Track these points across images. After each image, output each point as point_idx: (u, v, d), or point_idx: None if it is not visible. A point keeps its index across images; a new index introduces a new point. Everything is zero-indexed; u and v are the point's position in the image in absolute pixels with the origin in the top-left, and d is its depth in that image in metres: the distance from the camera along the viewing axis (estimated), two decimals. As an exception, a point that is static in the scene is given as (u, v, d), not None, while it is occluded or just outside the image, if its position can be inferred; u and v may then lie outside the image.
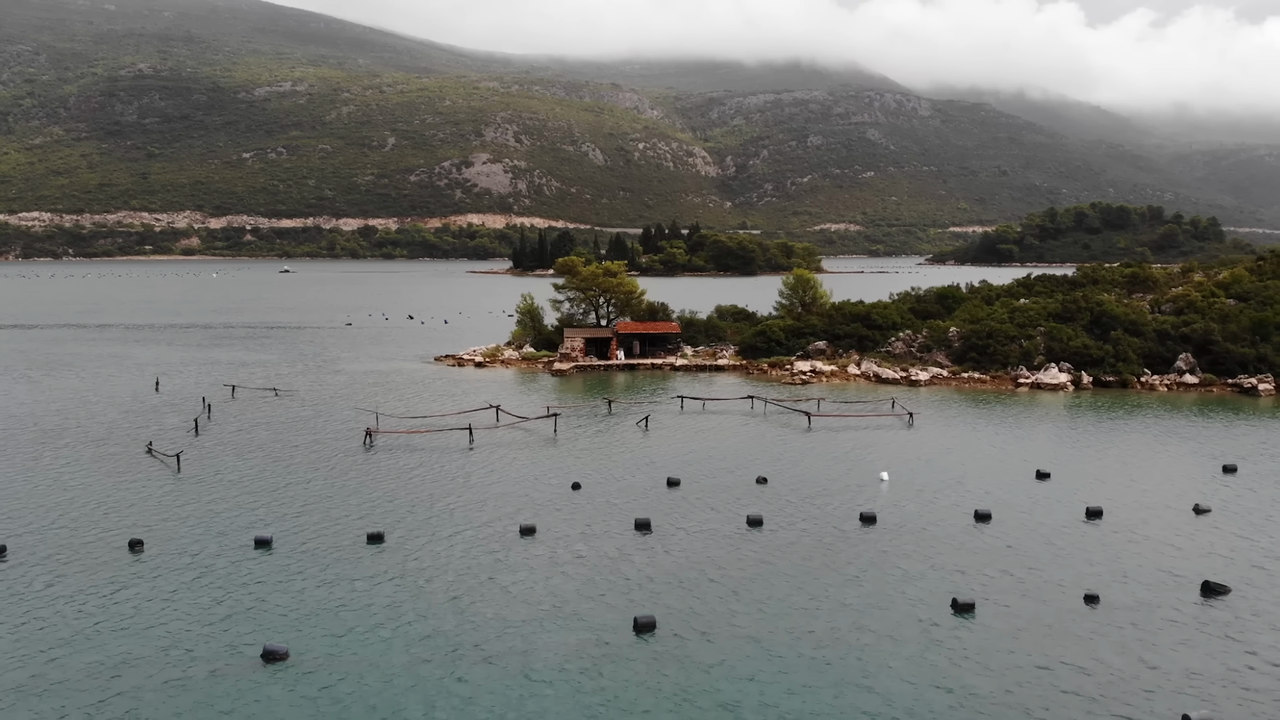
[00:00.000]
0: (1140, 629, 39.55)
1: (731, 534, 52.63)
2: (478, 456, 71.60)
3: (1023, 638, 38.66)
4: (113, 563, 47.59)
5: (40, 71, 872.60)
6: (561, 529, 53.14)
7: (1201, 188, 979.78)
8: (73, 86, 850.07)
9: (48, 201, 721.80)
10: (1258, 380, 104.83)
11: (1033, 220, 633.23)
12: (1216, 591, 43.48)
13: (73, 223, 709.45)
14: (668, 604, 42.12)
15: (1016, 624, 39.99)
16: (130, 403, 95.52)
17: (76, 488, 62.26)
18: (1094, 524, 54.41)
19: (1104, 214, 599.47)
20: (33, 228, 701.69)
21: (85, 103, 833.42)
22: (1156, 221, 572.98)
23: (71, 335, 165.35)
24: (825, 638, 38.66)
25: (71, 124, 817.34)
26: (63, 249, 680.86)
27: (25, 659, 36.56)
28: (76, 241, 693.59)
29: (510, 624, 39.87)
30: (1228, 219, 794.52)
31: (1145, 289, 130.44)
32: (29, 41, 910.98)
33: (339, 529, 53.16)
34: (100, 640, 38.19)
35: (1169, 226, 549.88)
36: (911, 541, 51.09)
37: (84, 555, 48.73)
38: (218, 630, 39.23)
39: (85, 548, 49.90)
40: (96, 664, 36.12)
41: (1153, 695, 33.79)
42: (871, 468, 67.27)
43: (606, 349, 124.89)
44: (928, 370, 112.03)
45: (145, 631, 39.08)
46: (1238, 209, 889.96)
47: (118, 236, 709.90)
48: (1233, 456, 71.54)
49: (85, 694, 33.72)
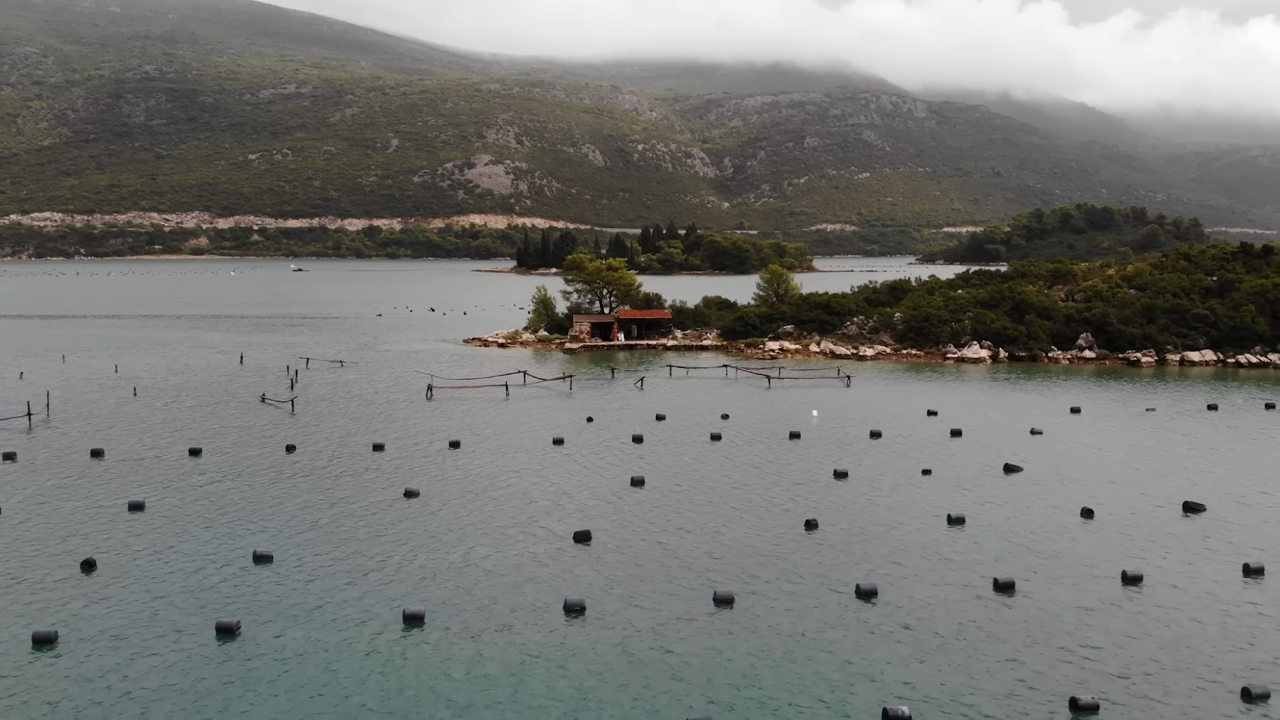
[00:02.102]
0: (959, 492, 62.95)
1: (699, 444, 76.16)
2: (513, 404, 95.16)
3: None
4: (277, 464, 70.96)
5: (48, 74, 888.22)
6: (581, 443, 76.58)
7: (1194, 188, 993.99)
8: (80, 89, 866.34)
9: (59, 202, 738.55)
10: (1141, 355, 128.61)
11: (1020, 221, 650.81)
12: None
13: (84, 223, 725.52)
14: (657, 470, 65.41)
15: (881, 482, 63.50)
16: (225, 372, 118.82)
17: (234, 418, 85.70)
18: (934, 419, 77.76)
19: (1089, 215, 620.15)
20: (45, 228, 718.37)
21: (93, 105, 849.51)
22: (1140, 222, 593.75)
23: (127, 325, 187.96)
24: (758, 487, 62.13)
25: (80, 126, 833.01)
26: (75, 249, 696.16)
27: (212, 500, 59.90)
28: (88, 241, 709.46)
29: (534, 499, 63.32)
30: (1220, 219, 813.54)
31: (1065, 281, 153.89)
32: (36, 44, 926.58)
33: (424, 442, 76.55)
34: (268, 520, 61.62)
35: (1151, 227, 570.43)
36: (823, 448, 74.55)
37: (260, 454, 72.10)
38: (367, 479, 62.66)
39: (258, 453, 73.29)
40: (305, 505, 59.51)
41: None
42: (809, 411, 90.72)
43: (609, 332, 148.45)
44: (874, 348, 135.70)
45: (291, 516, 62.55)
46: (1230, 209, 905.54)
47: (128, 236, 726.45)
48: (1082, 403, 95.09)
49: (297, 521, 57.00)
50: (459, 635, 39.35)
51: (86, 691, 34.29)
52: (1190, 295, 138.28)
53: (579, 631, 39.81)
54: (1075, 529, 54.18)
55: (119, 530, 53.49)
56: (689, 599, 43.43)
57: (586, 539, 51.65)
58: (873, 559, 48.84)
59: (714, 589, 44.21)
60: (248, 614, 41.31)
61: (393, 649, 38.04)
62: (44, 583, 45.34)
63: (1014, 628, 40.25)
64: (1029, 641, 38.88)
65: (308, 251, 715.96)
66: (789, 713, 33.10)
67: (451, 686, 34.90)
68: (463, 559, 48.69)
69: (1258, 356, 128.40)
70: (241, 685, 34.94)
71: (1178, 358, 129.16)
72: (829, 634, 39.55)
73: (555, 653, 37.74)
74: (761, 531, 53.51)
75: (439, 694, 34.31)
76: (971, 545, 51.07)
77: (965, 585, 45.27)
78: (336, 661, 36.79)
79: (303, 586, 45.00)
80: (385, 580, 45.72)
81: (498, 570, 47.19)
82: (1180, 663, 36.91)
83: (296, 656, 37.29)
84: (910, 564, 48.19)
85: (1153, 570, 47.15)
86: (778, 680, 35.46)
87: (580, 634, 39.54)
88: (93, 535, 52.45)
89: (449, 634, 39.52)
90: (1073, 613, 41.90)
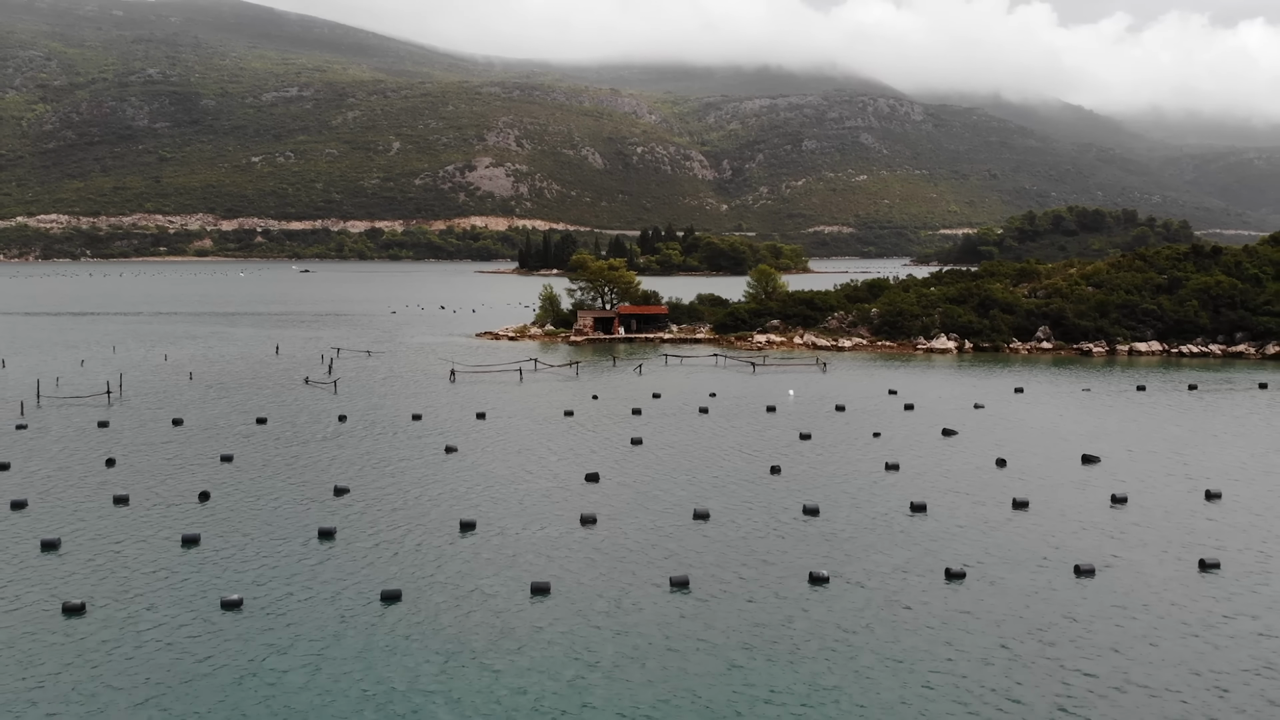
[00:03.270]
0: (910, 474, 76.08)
1: (690, 415, 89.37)
2: (527, 385, 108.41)
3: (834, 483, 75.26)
4: (335, 429, 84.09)
5: (52, 77, 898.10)
6: (588, 414, 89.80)
7: (1190, 190, 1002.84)
8: (84, 92, 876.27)
9: (65, 204, 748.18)
10: (1093, 346, 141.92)
11: (1013, 223, 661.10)
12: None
13: (89, 225, 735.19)
14: (653, 433, 78.51)
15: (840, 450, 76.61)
16: (264, 360, 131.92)
17: (286, 395, 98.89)
18: (893, 397, 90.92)
19: (1080, 217, 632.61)
20: (51, 229, 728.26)
21: (97, 108, 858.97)
22: (1130, 224, 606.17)
23: (154, 321, 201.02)
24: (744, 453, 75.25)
25: (84, 129, 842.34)
26: (80, 250, 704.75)
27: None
28: (94, 243, 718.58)
29: (552, 451, 76.46)
30: (1215, 221, 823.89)
31: (1029, 279, 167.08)
32: (40, 47, 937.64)
33: (455, 414, 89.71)
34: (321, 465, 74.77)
35: (1141, 229, 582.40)
36: (793, 418, 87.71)
37: (317, 423, 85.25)
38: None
39: (316, 421, 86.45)
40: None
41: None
42: (786, 390, 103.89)
43: (610, 326, 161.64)
44: (852, 340, 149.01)
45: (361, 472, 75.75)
46: (1225, 211, 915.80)
47: (133, 238, 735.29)
48: (1027, 384, 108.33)
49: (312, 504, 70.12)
50: (501, 536, 52.47)
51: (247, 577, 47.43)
52: (1141, 292, 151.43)
53: (592, 533, 52.93)
54: (987, 472, 67.42)
55: (220, 473, 66.68)
56: (675, 516, 56.57)
57: (596, 479, 64.84)
58: (821, 491, 61.99)
59: (694, 508, 57.42)
60: (344, 523, 54.48)
61: (453, 545, 51.12)
62: (180, 505, 58.43)
63: (924, 531, 53.34)
64: (933, 537, 51.90)
65: (310, 253, 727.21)
66: (752, 572, 46.12)
67: (487, 576, 47.98)
68: (498, 492, 61.85)
69: (1199, 347, 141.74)
70: (345, 549, 48.08)
71: (1126, 348, 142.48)
72: (778, 542, 52.63)
73: (579, 545, 50.81)
74: (734, 474, 66.73)
75: (479, 581, 47.40)
76: (902, 482, 64.24)
77: (888, 507, 58.46)
78: (422, 544, 49.89)
79: (376, 504, 58.28)
80: (441, 501, 58.85)
81: (527, 498, 60.39)
82: (1029, 548, 49.96)
83: (395, 556, 50.46)
84: (850, 494, 61.37)
85: (1040, 500, 60.27)
86: (741, 561, 48.51)
87: (592, 534, 52.67)
88: (199, 476, 65.53)
89: (493, 533, 52.73)
90: (971, 525, 55.02)
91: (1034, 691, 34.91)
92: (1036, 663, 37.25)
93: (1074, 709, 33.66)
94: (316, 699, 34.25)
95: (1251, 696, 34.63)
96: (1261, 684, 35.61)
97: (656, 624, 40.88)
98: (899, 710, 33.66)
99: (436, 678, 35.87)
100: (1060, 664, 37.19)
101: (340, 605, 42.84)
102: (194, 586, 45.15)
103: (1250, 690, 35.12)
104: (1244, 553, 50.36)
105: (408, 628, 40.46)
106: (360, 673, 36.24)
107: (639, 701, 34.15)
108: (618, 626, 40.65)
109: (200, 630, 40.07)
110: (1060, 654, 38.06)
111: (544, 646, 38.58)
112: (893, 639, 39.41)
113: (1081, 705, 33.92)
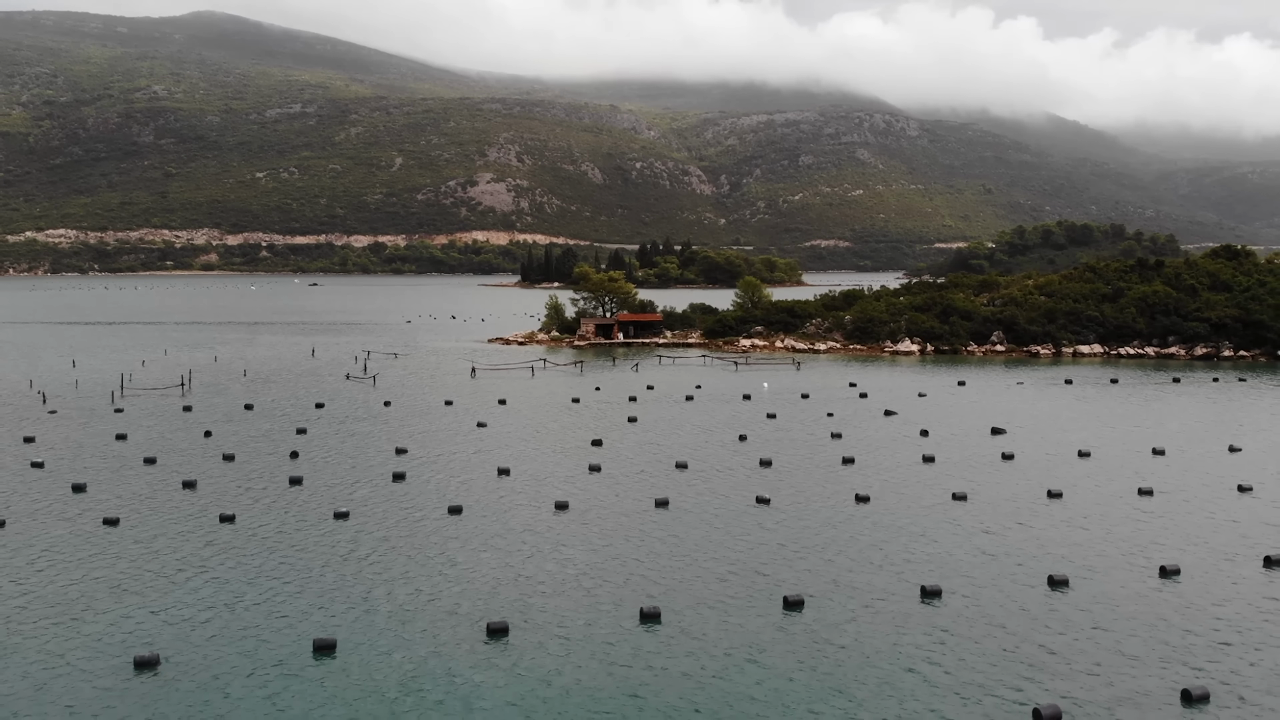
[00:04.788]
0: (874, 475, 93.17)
1: (678, 402, 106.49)
2: (539, 380, 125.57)
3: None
4: (383, 411, 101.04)
5: (59, 94, 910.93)
6: (592, 400, 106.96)
7: (1184, 204, 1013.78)
8: (91, 108, 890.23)
9: (73, 219, 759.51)
10: (1041, 348, 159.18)
11: (1003, 237, 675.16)
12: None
13: (97, 240, 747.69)
14: (646, 414, 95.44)
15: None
16: (303, 361, 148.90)
17: (333, 387, 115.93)
18: (852, 389, 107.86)
19: (1069, 231, 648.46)
20: (60, 244, 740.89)
21: (103, 124, 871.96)
22: (1118, 238, 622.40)
23: (183, 330, 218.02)
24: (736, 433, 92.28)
25: (91, 144, 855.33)
26: (89, 264, 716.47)
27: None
28: (101, 257, 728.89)
29: (564, 426, 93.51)
30: (1208, 235, 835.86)
31: (989, 290, 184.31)
32: (47, 64, 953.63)
33: (480, 401, 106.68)
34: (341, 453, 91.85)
35: (1128, 242, 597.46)
36: (763, 404, 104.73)
37: (366, 407, 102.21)
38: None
39: (365, 407, 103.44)
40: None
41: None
42: (761, 383, 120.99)
43: (610, 332, 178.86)
44: (827, 343, 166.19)
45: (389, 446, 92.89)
46: (1218, 225, 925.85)
47: (140, 253, 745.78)
48: (970, 378, 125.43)
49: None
50: (529, 478, 69.49)
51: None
52: (1088, 300, 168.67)
53: (597, 476, 69.92)
54: (911, 440, 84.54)
55: (299, 441, 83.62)
56: (661, 466, 73.69)
57: (600, 444, 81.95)
58: (775, 450, 79.02)
59: (675, 460, 74.57)
60: (411, 469, 71.41)
61: (495, 481, 68.08)
62: (275, 457, 75.37)
63: (854, 472, 70.31)
64: (856, 477, 68.85)
65: (315, 267, 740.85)
66: (714, 498, 62.98)
67: (520, 502, 64.96)
68: (522, 449, 78.89)
69: (1136, 349, 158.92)
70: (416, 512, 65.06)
71: (1071, 350, 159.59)
72: (742, 478, 69.62)
73: (588, 482, 67.77)
74: (709, 443, 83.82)
75: (517, 501, 64.36)
76: (843, 449, 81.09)
77: (826, 461, 75.50)
78: (468, 482, 66.77)
79: (430, 459, 75.37)
80: (480, 457, 75.84)
81: (546, 454, 77.52)
82: (925, 482, 66.89)
83: (454, 488, 67.47)
84: (802, 457, 78.37)
85: (944, 455, 77.25)
86: (710, 489, 65.48)
87: (598, 476, 69.67)
88: (283, 444, 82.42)
89: (524, 476, 69.75)
90: (889, 468, 71.96)
91: (907, 584, 51.82)
92: (911, 561, 54.20)
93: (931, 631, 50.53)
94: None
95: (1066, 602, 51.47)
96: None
97: (642, 532, 57.84)
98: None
99: (451, 537, 52.82)
100: (912, 565, 54.17)
101: (417, 516, 59.78)
102: (308, 504, 62.13)
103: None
104: (1088, 489, 67.38)
105: (469, 531, 57.41)
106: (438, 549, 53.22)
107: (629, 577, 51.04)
108: (622, 530, 57.59)
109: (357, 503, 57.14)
110: (916, 568, 55.03)
111: (568, 526, 55.49)
112: (810, 531, 56.39)
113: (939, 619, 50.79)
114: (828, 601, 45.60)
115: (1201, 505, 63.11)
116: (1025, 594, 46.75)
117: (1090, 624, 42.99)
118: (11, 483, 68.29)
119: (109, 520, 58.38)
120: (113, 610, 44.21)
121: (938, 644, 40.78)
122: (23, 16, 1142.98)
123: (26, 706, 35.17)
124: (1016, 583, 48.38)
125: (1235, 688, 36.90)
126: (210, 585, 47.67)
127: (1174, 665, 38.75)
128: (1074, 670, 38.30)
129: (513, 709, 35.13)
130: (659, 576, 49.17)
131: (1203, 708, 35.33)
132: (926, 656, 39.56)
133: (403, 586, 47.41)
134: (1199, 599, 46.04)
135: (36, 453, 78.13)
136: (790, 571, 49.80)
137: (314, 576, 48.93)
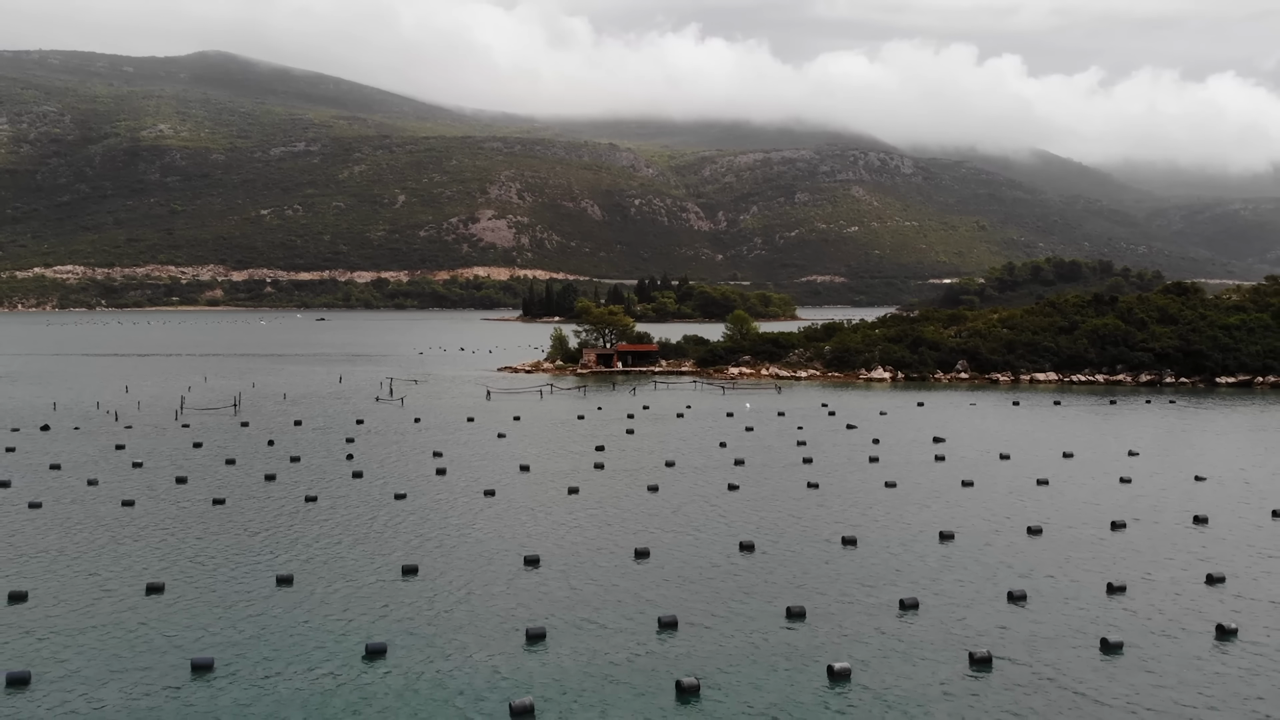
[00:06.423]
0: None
1: (669, 419, 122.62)
2: (547, 402, 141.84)
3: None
4: (413, 426, 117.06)
5: (66, 132, 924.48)
6: (595, 418, 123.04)
7: (1177, 241, 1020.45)
8: (97, 146, 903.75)
9: (80, 255, 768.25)
10: (1001, 375, 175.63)
11: (993, 273, 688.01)
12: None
13: (104, 275, 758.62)
14: (642, 428, 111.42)
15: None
16: (333, 387, 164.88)
17: (366, 407, 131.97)
18: (823, 409, 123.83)
19: (1058, 267, 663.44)
20: (68, 280, 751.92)
21: (110, 162, 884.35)
22: (1106, 274, 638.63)
23: (206, 361, 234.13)
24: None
25: (98, 182, 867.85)
26: (96, 300, 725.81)
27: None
28: (109, 293, 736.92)
29: (571, 437, 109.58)
30: (1201, 271, 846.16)
31: (958, 323, 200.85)
32: (54, 103, 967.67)
33: (498, 418, 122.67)
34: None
35: (1115, 279, 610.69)
36: (744, 420, 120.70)
37: (399, 424, 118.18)
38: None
39: (398, 423, 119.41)
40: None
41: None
42: (744, 404, 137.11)
43: (610, 361, 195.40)
44: (808, 371, 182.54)
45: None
46: (1210, 261, 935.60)
47: (147, 288, 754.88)
48: (929, 400, 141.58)
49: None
50: (548, 473, 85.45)
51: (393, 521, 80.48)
52: (1046, 332, 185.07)
53: (601, 473, 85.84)
54: (863, 446, 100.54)
55: (350, 446, 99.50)
56: (654, 464, 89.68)
57: (602, 449, 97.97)
58: (749, 453, 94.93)
59: (665, 459, 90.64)
60: (451, 466, 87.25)
61: (517, 477, 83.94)
62: (332, 459, 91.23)
63: (812, 470, 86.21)
64: (817, 475, 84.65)
65: (319, 302, 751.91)
66: (691, 483, 78.78)
67: (540, 492, 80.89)
68: (539, 452, 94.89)
69: (1087, 376, 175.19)
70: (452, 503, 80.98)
71: (1029, 377, 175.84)
72: (717, 474, 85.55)
73: (594, 476, 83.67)
74: (696, 450, 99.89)
75: (535, 491, 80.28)
76: (806, 453, 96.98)
77: (789, 462, 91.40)
78: (498, 479, 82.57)
79: (462, 461, 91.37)
80: (503, 458, 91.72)
81: (558, 456, 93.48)
82: (853, 474, 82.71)
83: (486, 478, 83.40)
84: (769, 458, 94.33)
85: (890, 459, 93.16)
86: (695, 479, 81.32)
87: (601, 473, 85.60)
88: (336, 450, 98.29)
89: (543, 472, 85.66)
90: (843, 468, 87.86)
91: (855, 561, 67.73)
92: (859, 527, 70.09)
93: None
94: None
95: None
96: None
97: (636, 507, 73.75)
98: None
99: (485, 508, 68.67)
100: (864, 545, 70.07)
101: (457, 493, 75.69)
102: (372, 488, 78.04)
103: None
104: (1000, 480, 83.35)
105: (500, 512, 73.32)
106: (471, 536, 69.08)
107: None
108: (621, 507, 73.51)
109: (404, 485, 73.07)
110: (837, 528, 70.91)
111: (579, 504, 71.30)
112: (769, 505, 72.24)
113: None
114: (772, 545, 61.68)
115: (1091, 494, 79.26)
116: (922, 543, 62.74)
117: (964, 567, 58.97)
118: (123, 475, 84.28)
119: (217, 500, 74.36)
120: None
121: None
122: (30, 56, 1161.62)
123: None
124: (911, 531, 64.55)
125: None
126: (295, 564, 63.61)
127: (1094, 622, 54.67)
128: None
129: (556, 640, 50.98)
130: (649, 531, 65.19)
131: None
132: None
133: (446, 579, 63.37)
134: (1056, 544, 62.05)
135: (133, 456, 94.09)
136: (749, 528, 65.85)
137: (381, 554, 64.94)
